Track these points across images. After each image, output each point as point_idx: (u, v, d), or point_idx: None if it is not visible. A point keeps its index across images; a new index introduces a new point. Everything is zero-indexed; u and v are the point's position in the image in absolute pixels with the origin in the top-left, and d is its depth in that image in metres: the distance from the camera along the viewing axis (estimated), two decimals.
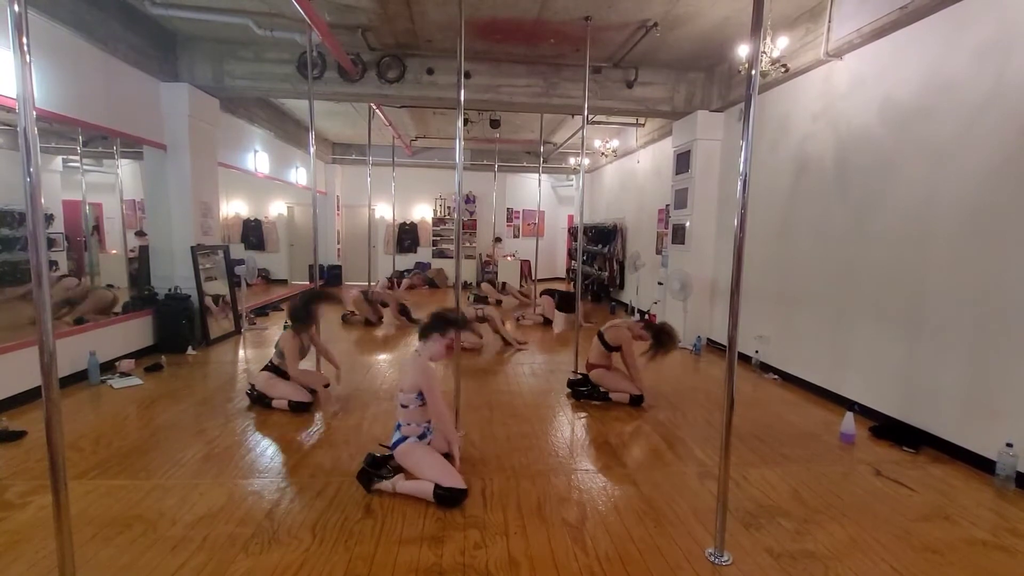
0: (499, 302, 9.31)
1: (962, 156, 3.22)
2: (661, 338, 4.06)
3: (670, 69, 6.00)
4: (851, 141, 4.13)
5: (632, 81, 5.93)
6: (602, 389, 4.15)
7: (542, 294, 8.07)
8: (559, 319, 7.82)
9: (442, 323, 2.85)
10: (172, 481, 2.69)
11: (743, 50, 4.49)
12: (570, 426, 3.66)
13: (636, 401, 4.08)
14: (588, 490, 2.73)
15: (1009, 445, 2.80)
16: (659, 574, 2.06)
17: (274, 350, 3.96)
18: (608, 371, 4.20)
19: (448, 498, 2.48)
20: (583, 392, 4.19)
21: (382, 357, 5.55)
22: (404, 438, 2.73)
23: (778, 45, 4.27)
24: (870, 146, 3.94)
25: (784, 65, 4.32)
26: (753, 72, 2.02)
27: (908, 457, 3.23)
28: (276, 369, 3.91)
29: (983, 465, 2.99)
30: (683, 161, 6.44)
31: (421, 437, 2.75)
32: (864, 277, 3.95)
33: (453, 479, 2.54)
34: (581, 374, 4.40)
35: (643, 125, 8.37)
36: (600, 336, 4.25)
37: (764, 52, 4.19)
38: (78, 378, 4.24)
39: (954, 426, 3.22)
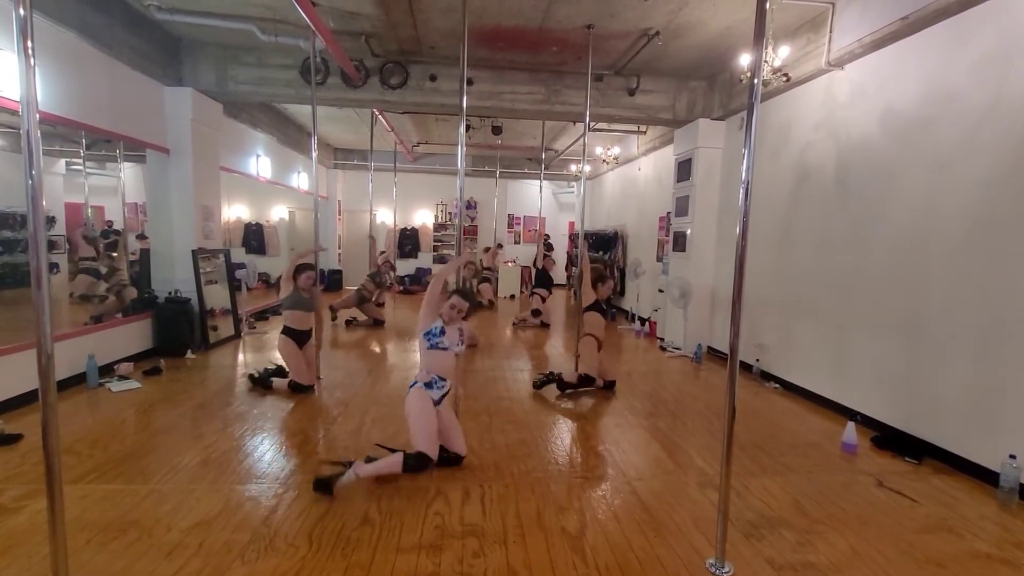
0: (491, 303, 9.51)
1: (962, 166, 3.22)
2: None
3: (672, 77, 6.03)
4: (852, 150, 4.14)
5: (634, 89, 5.95)
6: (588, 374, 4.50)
7: (532, 294, 8.15)
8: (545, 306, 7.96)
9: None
10: (168, 486, 2.67)
11: (745, 59, 4.52)
12: (570, 434, 3.64)
13: (609, 386, 4.53)
14: (587, 498, 2.70)
15: (1012, 457, 2.77)
16: None
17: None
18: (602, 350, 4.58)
19: (414, 466, 2.65)
20: (567, 386, 4.46)
21: (381, 363, 5.53)
22: (414, 382, 2.89)
23: (779, 54, 4.29)
24: (871, 155, 3.94)
25: (785, 74, 4.34)
26: (755, 81, 2.03)
27: (910, 468, 3.21)
28: (290, 332, 4.30)
29: (986, 477, 2.97)
30: (684, 169, 6.45)
31: (428, 386, 2.84)
32: (865, 286, 3.94)
33: (427, 444, 2.70)
34: (546, 374, 4.62)
35: (644, 133, 8.39)
36: (599, 309, 4.58)
37: (766, 61, 4.21)
38: (76, 381, 4.22)
39: (957, 437, 3.20)
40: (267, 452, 3.15)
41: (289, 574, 2.02)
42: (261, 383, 4.32)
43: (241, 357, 5.56)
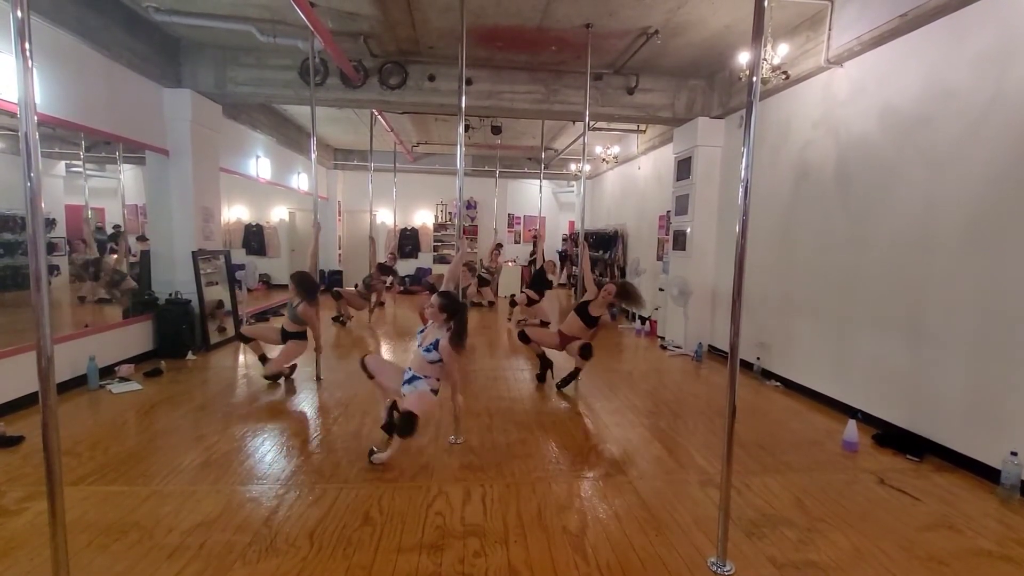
0: (492, 304, 9.55)
1: (962, 163, 3.21)
2: (625, 294, 4.61)
3: (671, 76, 6.02)
4: (851, 148, 4.13)
5: (633, 88, 5.95)
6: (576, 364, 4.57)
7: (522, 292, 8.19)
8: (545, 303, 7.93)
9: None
10: (170, 487, 2.67)
11: (744, 57, 4.51)
12: (570, 433, 3.64)
13: (585, 351, 4.42)
14: (589, 498, 2.70)
15: (1014, 454, 2.77)
16: None
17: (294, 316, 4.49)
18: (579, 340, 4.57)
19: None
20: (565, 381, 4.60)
21: None
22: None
23: (779, 52, 4.29)
24: (870, 153, 3.94)
25: (785, 72, 4.33)
26: (754, 79, 2.03)
27: (912, 466, 3.20)
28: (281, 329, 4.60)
29: (987, 474, 2.97)
30: (684, 167, 6.44)
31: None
32: (865, 284, 3.94)
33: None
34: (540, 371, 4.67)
35: (644, 131, 8.39)
36: (581, 311, 4.60)
37: (765, 59, 4.21)
38: (77, 383, 4.23)
39: (958, 434, 3.19)
40: (268, 453, 3.15)
41: (291, 575, 2.02)
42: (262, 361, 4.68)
43: (242, 358, 5.56)
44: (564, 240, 13.56)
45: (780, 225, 5.00)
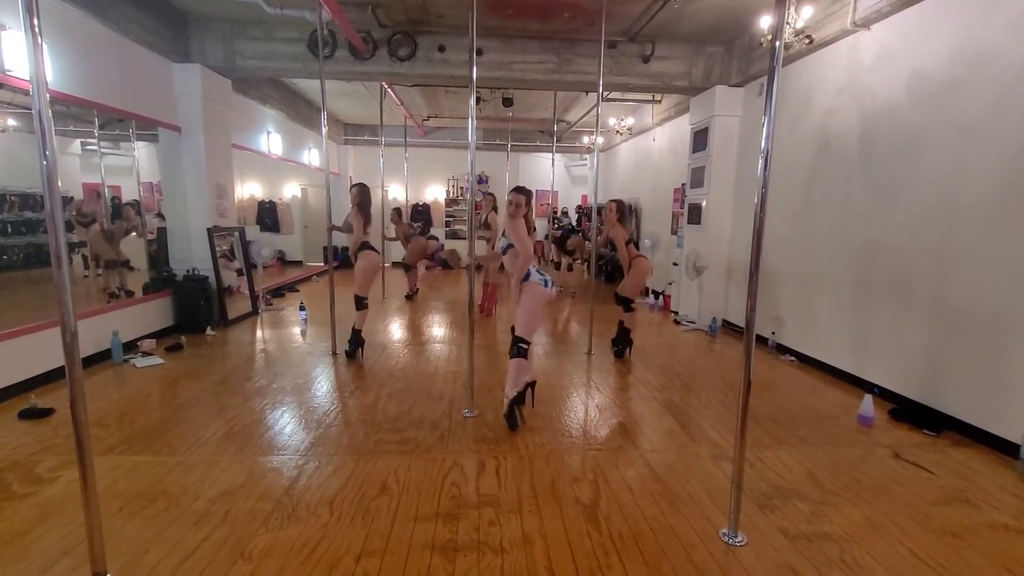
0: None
1: (993, 131, 3.08)
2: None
3: (688, 43, 5.82)
4: (876, 116, 3.99)
5: (648, 56, 5.77)
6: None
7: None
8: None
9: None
10: (194, 457, 2.76)
11: (765, 21, 4.33)
12: (583, 406, 3.67)
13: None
14: (601, 470, 2.74)
15: None
16: (673, 553, 2.07)
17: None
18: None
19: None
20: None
21: (397, 338, 5.59)
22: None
23: (802, 15, 4.11)
24: (896, 121, 3.79)
25: (808, 36, 4.16)
26: (777, 44, 1.94)
27: (928, 440, 3.18)
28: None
29: (1006, 449, 2.93)
30: (700, 139, 6.29)
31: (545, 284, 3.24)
32: (886, 257, 3.85)
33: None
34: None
35: (659, 102, 8.17)
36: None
37: (788, 23, 4.04)
38: (102, 357, 4.35)
39: (976, 409, 3.15)
40: (287, 425, 3.23)
41: (312, 541, 2.09)
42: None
43: (259, 333, 5.66)
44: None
45: (799, 197, 4.88)
